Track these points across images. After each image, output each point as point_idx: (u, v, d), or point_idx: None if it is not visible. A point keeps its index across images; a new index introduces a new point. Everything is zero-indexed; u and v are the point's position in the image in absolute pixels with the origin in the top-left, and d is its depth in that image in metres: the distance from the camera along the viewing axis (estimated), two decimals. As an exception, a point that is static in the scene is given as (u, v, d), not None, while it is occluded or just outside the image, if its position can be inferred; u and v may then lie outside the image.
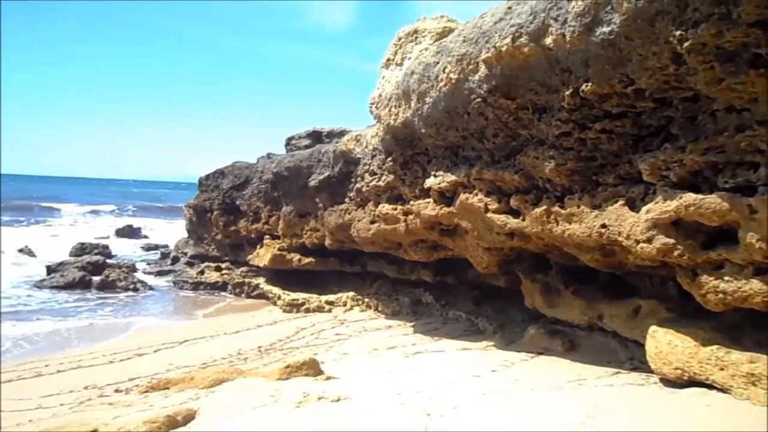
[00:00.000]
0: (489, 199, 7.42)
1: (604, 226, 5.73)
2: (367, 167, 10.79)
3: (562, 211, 6.27)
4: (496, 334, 9.31)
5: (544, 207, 6.52)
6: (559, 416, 4.92)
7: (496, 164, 7.14)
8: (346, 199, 11.95)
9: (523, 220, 6.89)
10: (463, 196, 7.84)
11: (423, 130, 8.05)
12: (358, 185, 11.19)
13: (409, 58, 8.96)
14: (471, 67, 6.32)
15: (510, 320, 9.74)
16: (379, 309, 12.70)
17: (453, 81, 6.71)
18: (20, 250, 21.73)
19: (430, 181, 8.54)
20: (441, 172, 8.29)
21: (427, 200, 8.90)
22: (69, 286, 15.57)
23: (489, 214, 7.40)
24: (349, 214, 11.70)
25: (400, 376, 7.26)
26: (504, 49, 5.68)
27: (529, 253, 7.95)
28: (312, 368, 7.59)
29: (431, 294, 12.00)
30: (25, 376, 8.39)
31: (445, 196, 8.49)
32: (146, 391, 7.53)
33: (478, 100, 6.44)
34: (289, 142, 16.04)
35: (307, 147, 14.79)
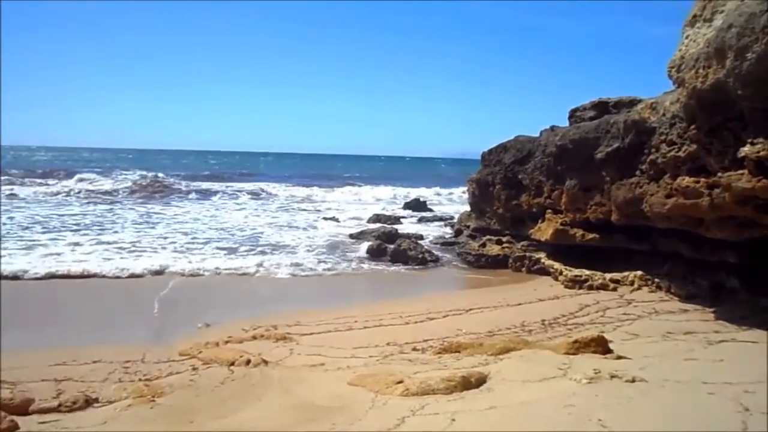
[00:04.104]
0: (827, 169, 6.26)
1: None
2: (663, 137, 9.93)
3: None
4: (832, 331, 7.89)
5: None
6: None
7: (840, 127, 5.98)
8: (637, 172, 11.16)
9: None
10: (790, 166, 6.75)
11: (739, 92, 7.10)
12: (651, 157, 10.37)
13: (722, 12, 7.94)
14: (812, 11, 5.36)
15: None
16: (672, 291, 11.67)
17: (785, 30, 5.77)
18: (327, 218, 25.02)
19: (745, 150, 7.52)
20: (760, 139, 7.24)
21: (740, 171, 7.87)
22: (367, 253, 17.27)
23: (827, 187, 6.25)
24: (641, 187, 10.93)
25: (703, 364, 6.63)
26: None
27: None
28: (600, 345, 7.37)
29: (736, 278, 10.61)
30: (340, 328, 9.66)
31: (765, 167, 7.40)
32: (440, 353, 8.12)
33: (820, 50, 5.44)
34: (572, 115, 15.52)
35: (592, 119, 14.15)
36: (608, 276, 12.83)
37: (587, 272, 13.16)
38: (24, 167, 50.29)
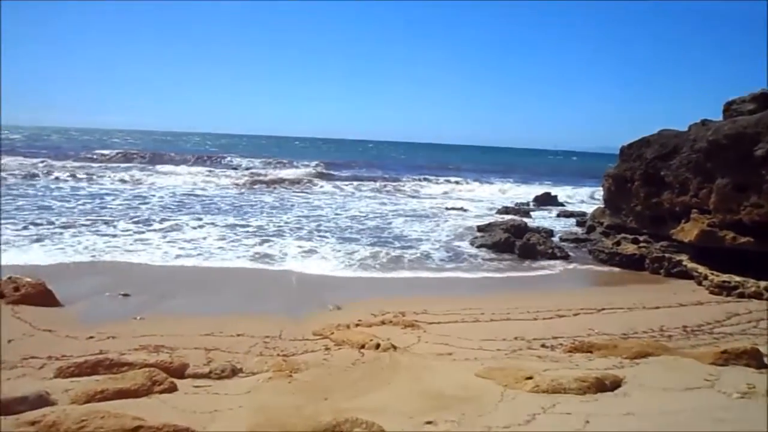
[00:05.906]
0: None
1: None
2: (841, 133, 8.90)
3: None
4: None
5: None
6: None
7: None
8: (805, 172, 10.11)
9: None
10: None
11: None
12: (824, 155, 9.33)
13: None
14: None
15: None
16: (842, 305, 10.48)
17: None
18: (456, 209, 24.97)
19: None
20: None
21: None
22: (495, 246, 16.94)
23: None
24: (808, 189, 9.88)
25: None
26: None
27: None
28: (753, 359, 6.77)
29: None
30: (467, 319, 9.67)
31: None
32: (570, 351, 7.86)
33: None
34: (728, 108, 14.33)
35: (751, 112, 13.00)
36: (763, 284, 11.76)
37: (737, 278, 12.14)
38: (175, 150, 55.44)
